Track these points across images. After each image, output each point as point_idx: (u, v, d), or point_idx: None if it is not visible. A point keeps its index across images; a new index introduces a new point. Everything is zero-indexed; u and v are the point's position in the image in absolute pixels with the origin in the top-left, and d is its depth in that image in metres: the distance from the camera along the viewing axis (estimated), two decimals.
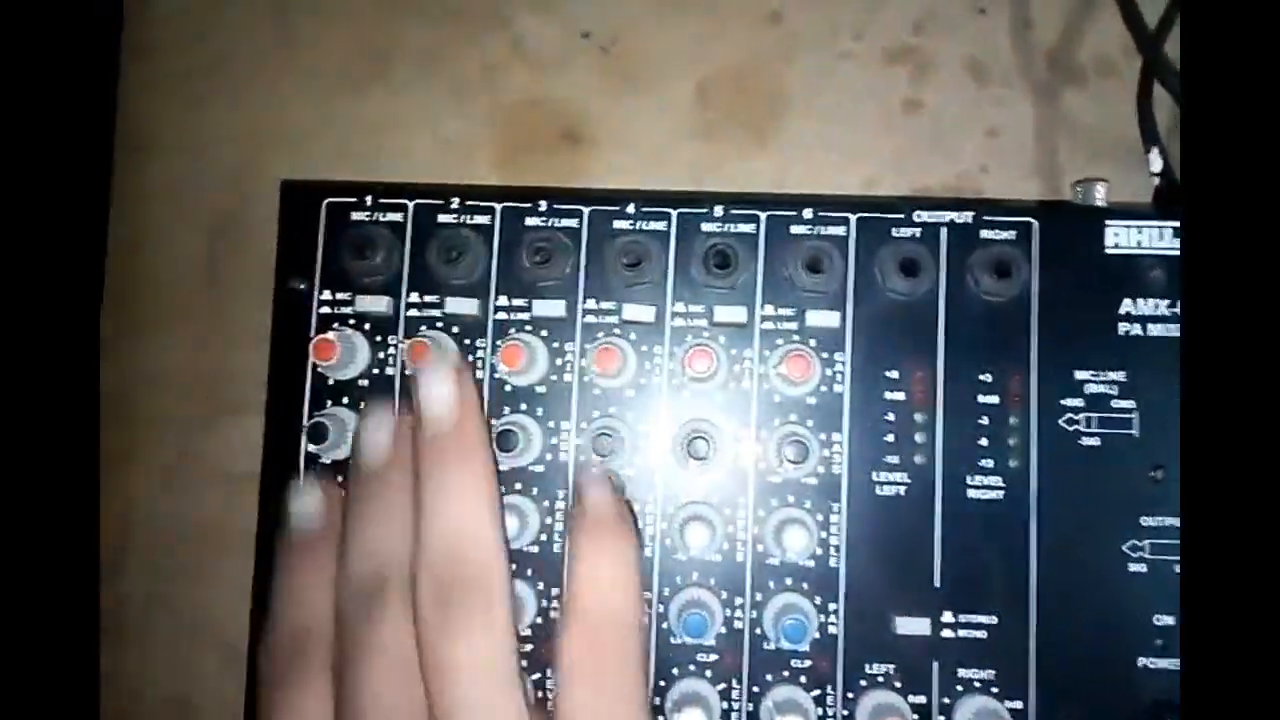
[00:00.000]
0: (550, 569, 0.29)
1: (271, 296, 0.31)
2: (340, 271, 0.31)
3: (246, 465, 0.35)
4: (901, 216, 0.30)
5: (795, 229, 0.30)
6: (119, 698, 0.35)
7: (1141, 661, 0.28)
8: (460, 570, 0.23)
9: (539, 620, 0.29)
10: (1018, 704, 0.28)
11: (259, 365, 0.32)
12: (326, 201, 0.31)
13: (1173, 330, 0.29)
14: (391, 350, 0.30)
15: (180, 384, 0.36)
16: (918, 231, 0.30)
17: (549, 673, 0.28)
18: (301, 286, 0.31)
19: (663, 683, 0.29)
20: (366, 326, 0.31)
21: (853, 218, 0.30)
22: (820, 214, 0.30)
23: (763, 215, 0.30)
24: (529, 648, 0.29)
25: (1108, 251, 0.29)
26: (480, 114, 0.38)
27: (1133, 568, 0.28)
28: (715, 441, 0.29)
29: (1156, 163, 0.32)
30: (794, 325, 0.30)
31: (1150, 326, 0.29)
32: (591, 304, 0.30)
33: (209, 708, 0.36)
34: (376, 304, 0.30)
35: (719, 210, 0.30)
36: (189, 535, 0.36)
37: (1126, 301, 0.29)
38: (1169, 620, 0.28)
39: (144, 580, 0.36)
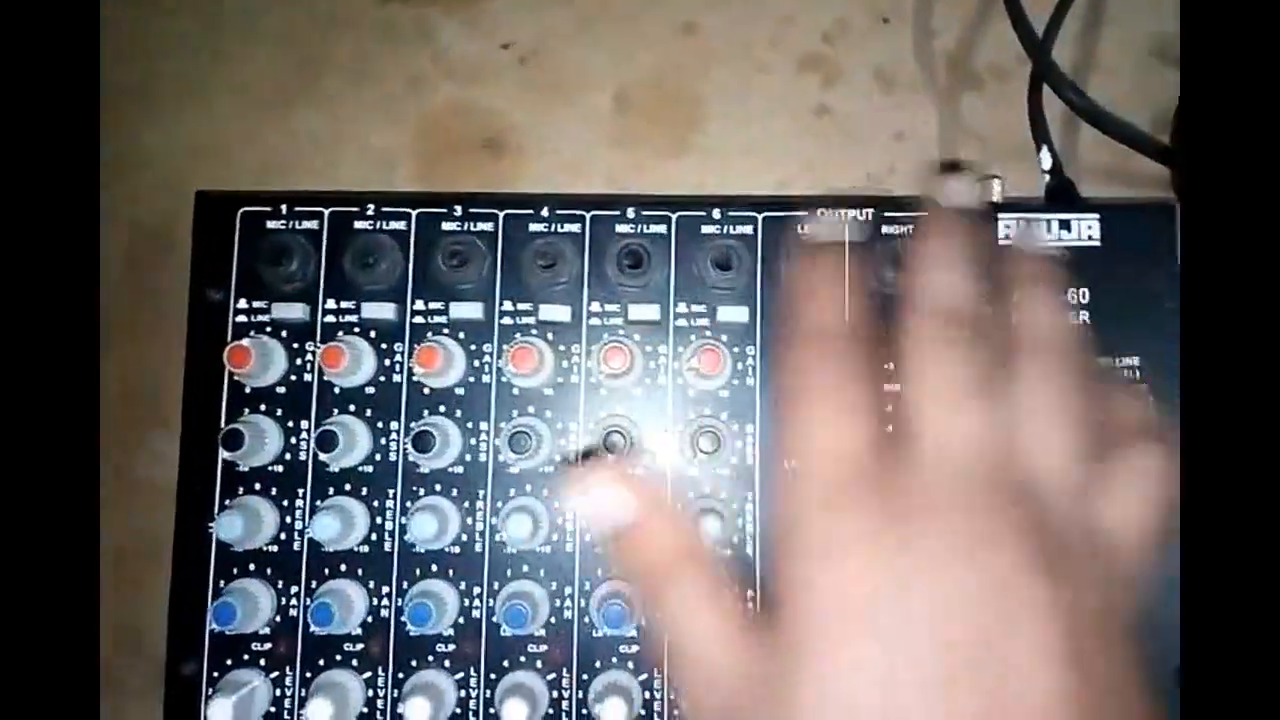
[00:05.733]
0: (470, 568, 0.30)
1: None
2: (256, 280, 0.31)
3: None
4: (805, 214, 0.31)
5: (706, 229, 0.31)
6: None
7: None
8: None
9: (460, 620, 0.29)
10: None
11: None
12: (241, 211, 0.31)
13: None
14: (309, 356, 0.31)
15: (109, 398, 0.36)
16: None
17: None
18: (217, 296, 0.31)
19: (584, 676, 0.29)
20: (283, 334, 0.31)
21: (759, 217, 0.31)
22: (729, 214, 0.31)
23: (673, 216, 0.31)
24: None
25: (1000, 243, 0.31)
26: (405, 125, 0.38)
27: None
28: (632, 436, 0.30)
29: (1046, 160, 0.33)
30: (706, 321, 0.30)
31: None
32: (508, 305, 0.31)
33: None
34: (292, 311, 0.30)
35: (631, 212, 0.31)
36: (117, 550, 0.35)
37: (1018, 292, 0.30)
38: None
39: None
